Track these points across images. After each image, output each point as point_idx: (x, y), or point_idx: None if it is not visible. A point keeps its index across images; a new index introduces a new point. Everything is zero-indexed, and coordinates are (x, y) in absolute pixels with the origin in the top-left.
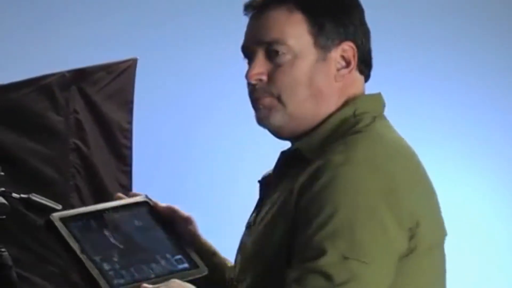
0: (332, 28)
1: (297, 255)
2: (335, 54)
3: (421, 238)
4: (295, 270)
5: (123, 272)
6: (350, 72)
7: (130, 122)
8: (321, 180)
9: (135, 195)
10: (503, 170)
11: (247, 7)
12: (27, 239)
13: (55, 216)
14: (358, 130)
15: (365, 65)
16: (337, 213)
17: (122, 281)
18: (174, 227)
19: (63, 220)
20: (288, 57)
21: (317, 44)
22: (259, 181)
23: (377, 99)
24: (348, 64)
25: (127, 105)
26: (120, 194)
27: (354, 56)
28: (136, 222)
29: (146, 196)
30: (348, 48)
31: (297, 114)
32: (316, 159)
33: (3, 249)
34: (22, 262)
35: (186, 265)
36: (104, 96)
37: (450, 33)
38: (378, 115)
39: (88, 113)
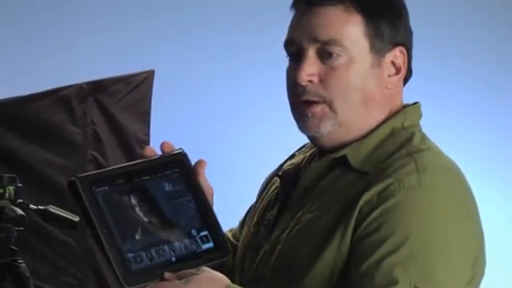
0: (388, 31)
1: (362, 277)
2: (388, 59)
3: (477, 270)
4: None
5: (143, 254)
6: (400, 79)
7: (147, 134)
8: (391, 201)
9: (169, 147)
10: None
11: (298, 1)
12: (44, 250)
13: (81, 178)
14: (419, 149)
15: (409, 73)
16: (409, 238)
17: (139, 266)
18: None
19: (89, 183)
20: (343, 59)
21: (372, 48)
22: (278, 176)
23: (418, 110)
24: (398, 70)
25: (144, 117)
26: (150, 148)
27: (404, 62)
28: (167, 186)
29: (182, 151)
30: (399, 53)
31: (347, 122)
32: (368, 171)
33: (21, 261)
34: (39, 274)
35: (211, 244)
36: (122, 108)
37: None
38: (421, 130)
39: (106, 124)
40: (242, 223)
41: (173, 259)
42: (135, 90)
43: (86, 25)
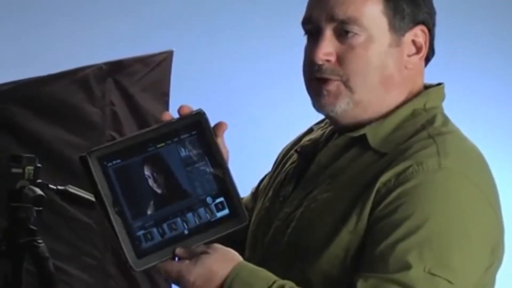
0: (408, 9)
1: (376, 260)
2: (408, 38)
3: (495, 258)
4: (371, 278)
5: (154, 230)
6: (420, 59)
7: None
8: (410, 183)
9: (188, 110)
10: None
11: None
12: (64, 231)
13: (93, 154)
14: (441, 131)
15: (432, 52)
16: (426, 222)
17: (150, 244)
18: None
19: (101, 157)
20: (362, 38)
21: (392, 26)
22: (296, 151)
23: (442, 92)
24: (419, 50)
25: (163, 97)
26: (168, 113)
27: (425, 42)
28: (183, 152)
29: (201, 110)
30: (420, 33)
31: (364, 101)
32: (387, 152)
33: (40, 241)
34: (58, 254)
35: (226, 211)
36: (140, 88)
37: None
38: (444, 112)
39: (124, 105)
40: (255, 193)
41: (186, 232)
42: (154, 70)
43: (105, 5)
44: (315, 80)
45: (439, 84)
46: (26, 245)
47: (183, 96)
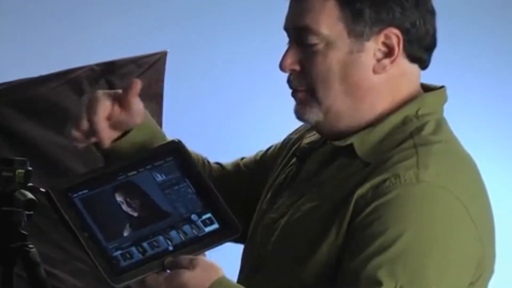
0: (372, 13)
1: (349, 276)
2: (375, 43)
3: (483, 270)
4: None
5: (133, 249)
6: (392, 62)
7: (159, 116)
8: (387, 197)
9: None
10: None
11: None
12: (55, 235)
13: (55, 187)
14: (428, 141)
15: (420, 52)
16: (400, 238)
17: (129, 262)
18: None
19: (64, 190)
20: (321, 46)
21: (351, 32)
22: (296, 155)
23: (441, 96)
24: (391, 53)
25: (157, 98)
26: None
27: (398, 44)
28: (158, 177)
29: (176, 140)
30: (391, 35)
31: (333, 110)
32: (371, 162)
33: (31, 246)
34: (50, 259)
35: (215, 226)
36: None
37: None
38: (441, 118)
39: None
40: (259, 160)
41: (170, 248)
42: (147, 71)
43: (98, 6)
44: (292, 91)
45: (441, 87)
46: (17, 250)
47: (177, 97)
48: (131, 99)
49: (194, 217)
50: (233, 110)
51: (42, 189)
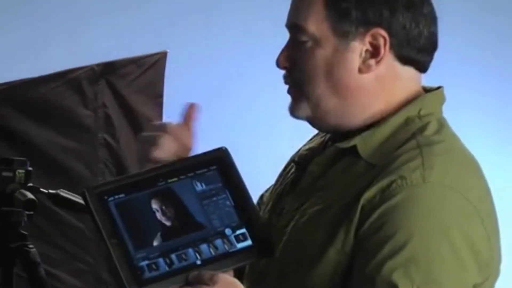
0: (358, 13)
1: (365, 282)
2: (361, 43)
3: (490, 271)
4: None
5: (160, 261)
6: (378, 63)
7: (160, 116)
8: (394, 199)
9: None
10: None
11: None
12: (55, 235)
13: (92, 188)
14: (431, 141)
15: (412, 53)
16: (411, 239)
17: (154, 274)
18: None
19: (100, 193)
20: (309, 44)
21: (336, 31)
22: (294, 162)
23: (440, 96)
24: (377, 54)
25: (157, 99)
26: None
27: (385, 44)
28: (198, 186)
29: (223, 147)
30: (378, 36)
31: (321, 107)
32: (375, 163)
33: (31, 246)
34: (50, 259)
35: (248, 242)
36: (134, 90)
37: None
38: (442, 118)
39: (117, 107)
40: (258, 203)
41: (198, 262)
42: (148, 71)
43: (98, 5)
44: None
45: (438, 87)
46: (17, 250)
47: (177, 97)
48: (188, 139)
49: (228, 231)
50: (233, 110)
51: (82, 189)
